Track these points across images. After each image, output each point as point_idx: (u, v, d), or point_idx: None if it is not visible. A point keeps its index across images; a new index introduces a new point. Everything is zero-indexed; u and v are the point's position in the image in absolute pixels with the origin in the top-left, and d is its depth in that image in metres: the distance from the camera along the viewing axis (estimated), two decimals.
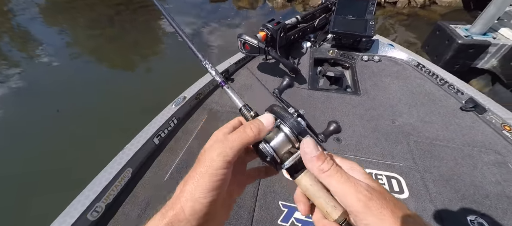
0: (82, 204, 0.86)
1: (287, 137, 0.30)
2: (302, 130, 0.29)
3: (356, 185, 0.24)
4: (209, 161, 0.26)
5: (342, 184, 0.24)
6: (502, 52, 2.21)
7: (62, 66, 3.45)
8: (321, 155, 0.27)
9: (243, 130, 0.28)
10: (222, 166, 0.26)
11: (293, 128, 0.29)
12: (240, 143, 0.27)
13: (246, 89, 1.59)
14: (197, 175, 0.26)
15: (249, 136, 0.28)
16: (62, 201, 0.88)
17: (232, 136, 0.28)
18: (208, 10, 5.38)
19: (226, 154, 0.26)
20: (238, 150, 0.27)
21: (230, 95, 0.37)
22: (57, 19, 4.81)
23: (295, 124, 0.30)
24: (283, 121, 0.30)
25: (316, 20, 1.98)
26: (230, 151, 0.26)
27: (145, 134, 1.13)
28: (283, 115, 0.30)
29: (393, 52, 1.91)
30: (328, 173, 0.25)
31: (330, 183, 0.25)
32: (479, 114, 1.37)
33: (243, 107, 0.35)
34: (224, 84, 0.39)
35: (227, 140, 0.27)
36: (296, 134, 0.29)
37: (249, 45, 1.51)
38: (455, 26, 2.42)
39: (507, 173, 1.08)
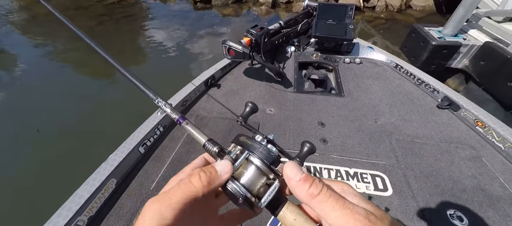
0: (64, 217, 0.82)
1: (259, 169, 0.26)
2: (274, 159, 0.26)
3: (353, 211, 0.20)
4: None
5: (338, 210, 0.20)
6: (472, 52, 2.37)
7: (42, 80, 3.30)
8: (307, 178, 0.23)
9: (188, 180, 0.23)
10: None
11: (264, 159, 0.26)
12: (183, 197, 0.22)
13: (233, 94, 1.59)
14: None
15: (196, 188, 0.23)
16: (42, 215, 0.83)
17: (173, 188, 0.23)
18: (193, 18, 5.37)
19: (161, 215, 0.20)
20: (179, 208, 0.21)
21: (191, 132, 0.32)
22: (36, 33, 4.61)
23: (265, 153, 0.26)
24: (252, 151, 0.27)
25: (299, 25, 2.03)
26: (168, 211, 0.21)
27: (130, 143, 1.10)
28: (251, 145, 0.27)
29: (373, 55, 1.99)
30: (319, 198, 0.22)
31: (323, 210, 0.21)
32: (454, 111, 1.45)
33: (207, 143, 0.31)
34: (182, 120, 0.34)
35: (166, 195, 0.22)
36: (268, 164, 0.26)
37: (233, 51, 1.53)
38: (429, 28, 2.56)
39: (481, 167, 1.15)
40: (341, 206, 0.21)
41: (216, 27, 4.97)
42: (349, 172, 1.14)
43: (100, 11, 5.46)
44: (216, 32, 4.77)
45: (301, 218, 0.24)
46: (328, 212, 0.21)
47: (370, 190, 1.07)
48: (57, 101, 2.91)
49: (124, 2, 5.99)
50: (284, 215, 0.25)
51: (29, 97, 2.97)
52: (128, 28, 4.92)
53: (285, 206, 0.25)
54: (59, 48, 4.10)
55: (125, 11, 5.56)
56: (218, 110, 1.47)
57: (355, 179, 1.11)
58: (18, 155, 2.26)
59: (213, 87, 1.63)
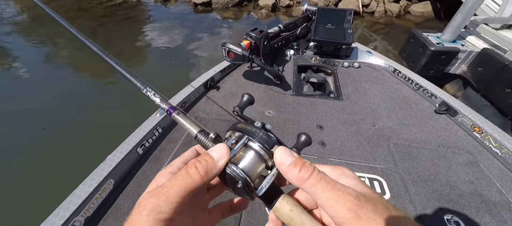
0: (61, 218, 0.81)
1: (258, 154, 0.25)
2: (274, 143, 0.25)
3: (344, 192, 0.20)
4: (137, 225, 0.19)
5: (328, 192, 0.20)
6: (470, 58, 2.39)
7: (44, 80, 3.31)
8: (298, 161, 0.22)
9: (185, 172, 0.22)
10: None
11: (264, 143, 0.25)
12: (181, 191, 0.21)
13: (232, 96, 1.60)
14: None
15: (194, 179, 0.22)
16: (39, 215, 0.83)
17: (170, 182, 0.21)
18: (193, 21, 5.40)
19: (160, 210, 0.19)
20: (178, 202, 0.20)
21: (182, 123, 0.31)
22: (38, 33, 4.63)
23: (265, 137, 0.25)
24: (251, 136, 0.25)
25: (298, 29, 2.05)
26: (166, 205, 0.20)
27: (128, 144, 1.10)
28: (250, 130, 0.26)
29: (371, 59, 2.01)
30: (310, 181, 0.21)
31: (314, 192, 0.21)
32: (451, 116, 1.46)
33: (199, 134, 0.29)
34: (173, 111, 0.32)
35: (163, 188, 0.21)
36: (268, 149, 0.25)
37: (233, 53, 1.53)
38: (428, 34, 2.59)
39: (478, 172, 1.15)
40: (332, 188, 0.20)
41: (216, 30, 5.00)
42: None
43: (101, 12, 5.49)
44: (216, 35, 4.80)
45: (298, 209, 0.24)
46: (319, 194, 0.21)
47: None
48: (55, 102, 2.91)
49: (125, 4, 6.03)
50: (280, 206, 0.24)
51: (27, 98, 2.97)
52: (129, 30, 4.94)
53: (281, 197, 0.25)
54: (58, 49, 4.10)
55: (126, 13, 5.59)
56: (217, 112, 1.47)
57: None
58: (15, 155, 2.24)
59: (212, 90, 1.63)
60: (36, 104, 2.85)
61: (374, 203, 0.20)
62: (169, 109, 0.33)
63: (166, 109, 0.33)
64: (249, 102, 0.32)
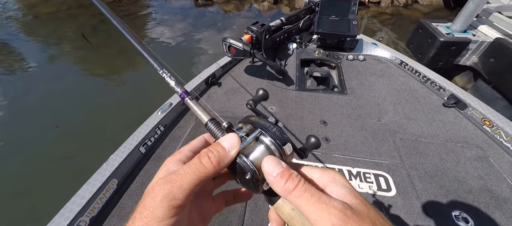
0: (66, 219, 0.82)
1: (269, 149, 0.25)
2: (286, 140, 0.25)
3: (328, 205, 0.20)
4: (151, 210, 0.19)
5: (312, 205, 0.20)
6: (482, 49, 2.30)
7: (46, 79, 3.34)
8: (284, 172, 0.22)
9: (198, 161, 0.22)
10: (168, 215, 0.19)
11: (276, 139, 0.25)
12: (194, 179, 0.21)
13: (234, 92, 1.58)
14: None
15: (207, 169, 0.22)
16: (44, 216, 0.84)
17: (184, 169, 0.22)
18: (194, 15, 5.35)
19: (173, 196, 0.20)
20: (191, 189, 0.21)
21: (194, 109, 0.31)
22: (39, 32, 4.66)
23: (278, 133, 0.25)
24: (264, 130, 0.25)
25: (301, 21, 2.00)
26: (180, 192, 0.20)
27: (130, 143, 1.10)
28: (263, 124, 0.26)
29: (377, 51, 1.95)
30: (295, 193, 0.21)
31: (299, 204, 0.21)
32: (460, 109, 1.41)
33: (209, 122, 0.29)
34: (186, 96, 0.32)
35: (177, 175, 0.21)
36: (280, 145, 0.25)
37: (234, 49, 1.51)
38: (437, 24, 2.49)
39: (488, 167, 1.11)
40: (316, 201, 0.20)
41: (217, 24, 4.95)
42: (352, 172, 1.12)
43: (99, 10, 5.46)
44: (217, 29, 4.75)
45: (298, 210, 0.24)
46: (303, 206, 0.21)
47: (373, 190, 1.05)
48: (58, 101, 2.94)
49: (125, 0, 6.00)
50: (282, 204, 0.24)
51: (30, 97, 3.01)
52: (130, 26, 4.91)
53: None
54: (62, 48, 4.13)
55: (127, 9, 5.57)
56: (219, 108, 1.46)
57: (358, 178, 1.09)
58: (18, 156, 2.27)
59: (214, 86, 1.62)
60: (38, 103, 2.89)
61: (361, 218, 0.19)
62: (183, 93, 0.33)
63: (180, 93, 0.33)
64: (263, 98, 0.32)
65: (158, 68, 0.37)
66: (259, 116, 0.30)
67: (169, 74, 0.36)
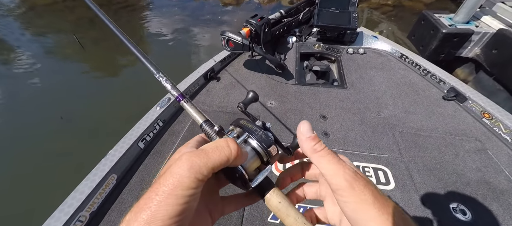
0: (65, 213, 0.83)
1: (255, 151, 0.28)
2: (271, 143, 0.28)
3: (345, 167, 0.25)
4: (178, 177, 0.20)
5: (332, 164, 0.25)
6: (485, 40, 2.26)
7: (43, 73, 3.32)
8: (315, 137, 0.27)
9: (226, 144, 0.24)
10: (192, 185, 0.20)
11: (262, 142, 0.28)
12: (220, 160, 0.22)
13: (233, 87, 1.57)
14: (158, 196, 0.20)
15: (231, 153, 0.23)
16: (43, 211, 0.85)
17: (212, 149, 0.23)
18: (193, 8, 5.26)
19: (199, 169, 0.21)
20: (214, 168, 0.22)
21: (189, 111, 0.33)
22: (36, 24, 4.60)
23: (263, 137, 0.28)
24: (251, 134, 0.28)
25: (301, 14, 1.97)
26: (205, 168, 0.21)
27: (129, 138, 1.10)
28: (250, 128, 0.29)
29: (377, 44, 1.92)
30: (320, 153, 0.26)
31: (321, 162, 0.25)
32: (460, 102, 1.40)
33: (204, 124, 0.31)
34: (182, 99, 0.34)
35: (204, 152, 0.22)
36: (265, 148, 0.27)
37: (233, 42, 1.49)
38: (439, 15, 2.44)
39: (487, 160, 1.12)
40: (336, 162, 0.25)
41: (216, 17, 4.87)
42: None
43: (98, 1, 5.38)
44: (216, 22, 4.68)
45: (285, 202, 0.27)
46: (324, 164, 0.25)
47: None
48: (55, 95, 2.91)
49: None
50: (270, 198, 0.28)
51: (27, 92, 2.99)
52: (127, 19, 4.86)
53: (272, 190, 0.28)
54: (59, 41, 4.09)
55: (124, 1, 5.48)
56: (218, 103, 1.45)
57: None
58: (15, 151, 2.27)
59: (212, 80, 1.61)
60: (34, 98, 2.88)
61: (367, 181, 0.24)
62: (179, 96, 0.35)
63: (175, 96, 0.35)
64: (253, 100, 0.35)
65: (154, 72, 0.39)
66: (249, 117, 0.33)
67: (165, 77, 0.38)
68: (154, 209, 0.19)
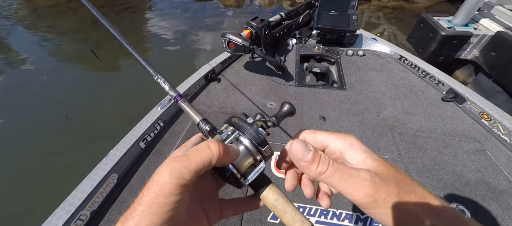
0: (66, 212, 0.84)
1: (247, 149, 0.28)
2: (262, 140, 0.27)
3: (359, 179, 0.22)
4: (159, 185, 0.20)
5: (344, 182, 0.23)
6: (483, 42, 2.28)
7: (46, 73, 3.34)
8: (314, 157, 0.24)
9: (206, 146, 0.23)
10: (175, 192, 0.20)
11: (252, 139, 0.27)
12: (202, 162, 0.22)
13: (233, 88, 1.58)
14: (141, 206, 0.19)
15: (213, 154, 0.23)
16: (44, 212, 0.86)
17: (191, 151, 0.23)
18: (194, 10, 5.30)
19: (180, 174, 0.21)
20: (197, 171, 0.22)
21: (186, 111, 0.34)
22: (39, 24, 4.64)
23: (254, 134, 0.27)
24: (242, 132, 0.28)
25: (300, 16, 1.98)
26: (187, 172, 0.21)
27: (130, 138, 1.11)
28: (241, 126, 0.28)
29: (376, 46, 1.94)
30: (327, 174, 0.24)
31: (331, 183, 0.24)
32: (459, 103, 1.41)
33: (200, 122, 0.32)
34: (179, 98, 0.35)
35: (185, 157, 0.22)
36: (256, 145, 0.27)
37: (233, 44, 1.50)
38: (438, 18, 2.46)
39: (486, 160, 1.12)
40: (347, 178, 0.23)
41: (217, 19, 4.91)
42: None
43: (101, 2, 5.42)
44: (217, 24, 4.71)
45: (282, 199, 0.27)
46: (337, 184, 0.23)
47: None
48: (58, 95, 2.93)
49: None
50: (267, 195, 0.27)
51: (29, 91, 3.00)
52: (129, 20, 4.90)
53: (268, 187, 0.27)
54: (61, 42, 4.12)
55: (127, 2, 5.52)
56: (218, 104, 1.47)
57: None
58: (17, 150, 2.27)
59: (213, 82, 1.62)
60: (36, 98, 2.89)
61: (386, 181, 0.22)
62: (177, 97, 0.35)
63: (173, 97, 0.36)
64: (288, 113, 0.35)
65: (153, 74, 0.40)
66: (241, 117, 0.32)
67: (163, 79, 0.39)
68: (137, 219, 0.19)
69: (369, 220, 0.95)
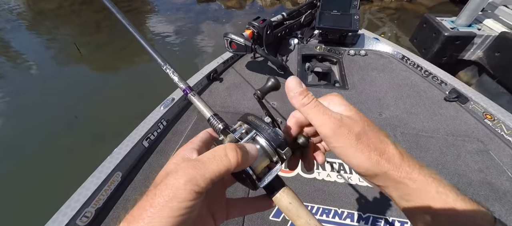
0: (72, 209, 0.85)
1: (264, 150, 0.26)
2: (281, 142, 0.26)
3: (330, 116, 0.25)
4: (173, 190, 0.20)
5: (319, 115, 0.26)
6: (487, 43, 2.26)
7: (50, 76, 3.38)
8: (303, 91, 0.27)
9: (224, 154, 0.22)
10: (189, 198, 0.20)
11: (271, 140, 0.26)
12: (218, 171, 0.21)
13: (235, 88, 1.59)
14: (152, 208, 0.19)
15: (231, 163, 0.22)
16: (50, 209, 0.87)
17: (208, 159, 0.22)
18: (196, 11, 5.33)
19: (196, 182, 0.20)
20: (212, 179, 0.21)
21: (196, 104, 0.32)
22: (43, 27, 4.70)
23: (273, 135, 0.26)
24: (259, 132, 0.26)
25: (302, 16, 1.99)
26: (202, 180, 0.21)
27: (134, 137, 1.12)
28: (259, 125, 0.27)
29: (378, 46, 1.93)
30: (308, 106, 0.27)
31: (309, 114, 0.26)
32: (462, 103, 1.40)
33: (211, 118, 0.30)
34: (189, 91, 0.34)
35: (201, 163, 0.21)
36: (275, 147, 0.26)
37: (235, 44, 1.51)
38: (441, 18, 2.45)
39: (489, 161, 1.11)
40: (322, 113, 0.26)
41: (219, 20, 4.93)
42: None
43: (104, 5, 5.47)
44: (219, 25, 4.74)
45: (296, 203, 0.26)
46: (312, 116, 0.26)
47: None
48: (61, 97, 2.96)
49: None
50: (280, 198, 0.27)
51: (33, 92, 3.04)
52: (132, 21, 4.92)
53: (282, 190, 0.27)
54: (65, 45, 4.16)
55: (129, 4, 5.58)
56: (221, 104, 1.47)
57: None
58: (22, 150, 2.31)
59: (215, 81, 1.63)
60: (40, 98, 2.93)
61: (353, 121, 0.25)
62: (186, 89, 0.34)
63: (183, 89, 0.35)
64: (273, 88, 0.32)
65: (162, 64, 0.38)
66: (263, 108, 0.31)
67: (172, 70, 0.37)
68: (147, 221, 0.19)
69: (371, 218, 0.95)
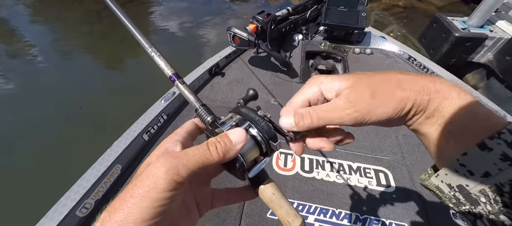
0: (72, 200, 0.86)
1: (256, 141, 0.27)
2: (272, 135, 0.27)
3: (337, 108, 0.25)
4: (153, 179, 0.20)
5: (328, 117, 0.26)
6: (499, 46, 2.19)
7: (50, 66, 3.39)
8: (298, 121, 0.27)
9: (206, 147, 0.23)
10: (169, 188, 0.20)
11: (264, 132, 0.26)
12: (199, 163, 0.22)
13: (237, 83, 1.57)
14: (132, 198, 0.19)
15: (212, 157, 0.23)
16: (49, 200, 0.87)
17: (191, 150, 0.22)
18: (200, 3, 5.25)
19: (177, 172, 0.20)
20: (194, 170, 0.21)
21: (184, 93, 0.31)
22: (45, 16, 4.68)
23: (266, 127, 0.27)
24: (253, 123, 0.27)
25: (308, 11, 1.94)
26: (184, 170, 0.21)
27: (134, 130, 1.12)
28: (253, 117, 0.27)
29: (384, 45, 1.89)
30: (314, 122, 0.26)
31: (320, 124, 0.26)
32: None
33: (200, 108, 0.30)
34: (176, 79, 0.32)
35: (183, 154, 0.22)
36: (267, 139, 0.26)
37: (238, 38, 1.49)
38: (452, 18, 2.38)
39: None
40: (331, 111, 0.26)
41: (223, 13, 4.87)
42: (352, 166, 1.13)
43: None
44: (223, 18, 4.68)
45: (278, 194, 0.28)
46: (327, 121, 0.26)
47: (373, 185, 1.05)
48: (61, 87, 2.96)
49: None
50: (264, 189, 0.28)
51: (34, 83, 3.04)
52: (135, 12, 4.88)
53: (267, 182, 0.28)
54: (66, 34, 4.15)
55: None
56: (222, 99, 1.46)
57: (358, 173, 1.10)
58: (21, 142, 2.31)
59: (217, 76, 1.61)
60: (41, 90, 2.94)
61: (361, 92, 0.25)
62: (173, 76, 0.32)
63: (169, 76, 0.32)
64: (252, 98, 0.33)
65: (146, 46, 0.35)
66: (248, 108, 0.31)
67: (158, 53, 0.33)
68: (127, 211, 0.19)
69: (368, 220, 0.95)
